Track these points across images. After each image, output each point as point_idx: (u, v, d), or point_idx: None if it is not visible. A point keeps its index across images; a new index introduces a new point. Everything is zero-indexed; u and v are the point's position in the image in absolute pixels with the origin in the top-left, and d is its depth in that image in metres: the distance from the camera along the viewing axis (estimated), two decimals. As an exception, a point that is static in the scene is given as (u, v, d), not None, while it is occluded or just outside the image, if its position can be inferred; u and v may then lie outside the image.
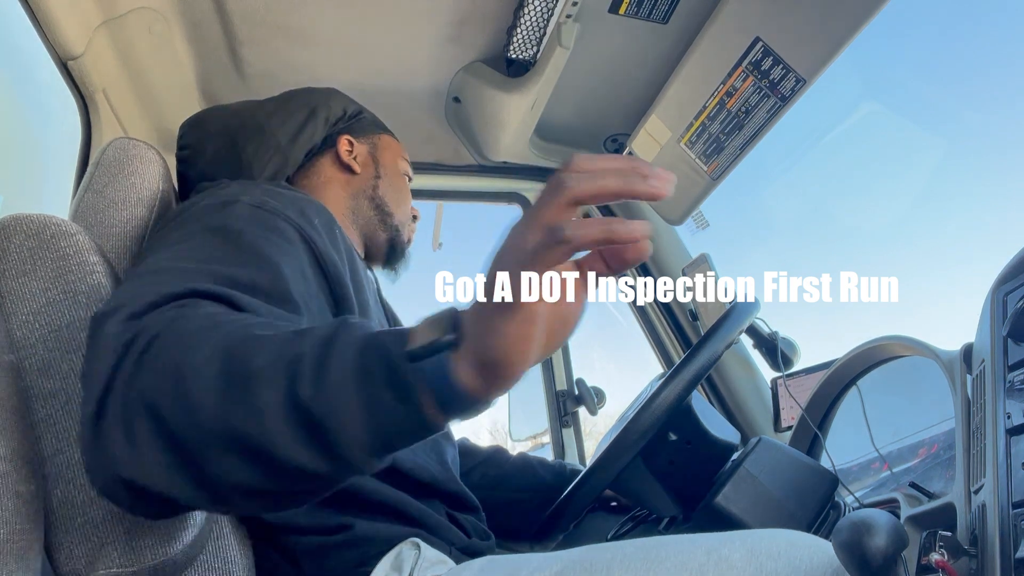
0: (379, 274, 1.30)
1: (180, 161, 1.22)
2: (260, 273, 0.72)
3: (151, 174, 1.06)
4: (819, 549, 0.77)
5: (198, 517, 0.76)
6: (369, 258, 1.29)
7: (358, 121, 1.28)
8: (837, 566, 0.76)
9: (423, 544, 0.94)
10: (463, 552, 1.01)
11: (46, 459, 0.76)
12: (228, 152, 1.17)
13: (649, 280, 1.98)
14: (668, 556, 0.78)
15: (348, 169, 1.23)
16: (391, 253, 1.27)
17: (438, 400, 0.52)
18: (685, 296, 1.91)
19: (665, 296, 1.96)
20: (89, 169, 1.06)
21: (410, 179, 1.34)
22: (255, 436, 0.51)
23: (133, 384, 0.55)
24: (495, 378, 0.50)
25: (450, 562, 0.96)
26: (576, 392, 2.02)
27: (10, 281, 0.81)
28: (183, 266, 0.69)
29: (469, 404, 0.52)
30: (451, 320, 0.51)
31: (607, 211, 2.00)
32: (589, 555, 0.82)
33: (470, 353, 0.50)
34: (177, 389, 0.53)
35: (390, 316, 1.21)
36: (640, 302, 2.01)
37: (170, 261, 0.71)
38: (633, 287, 2.02)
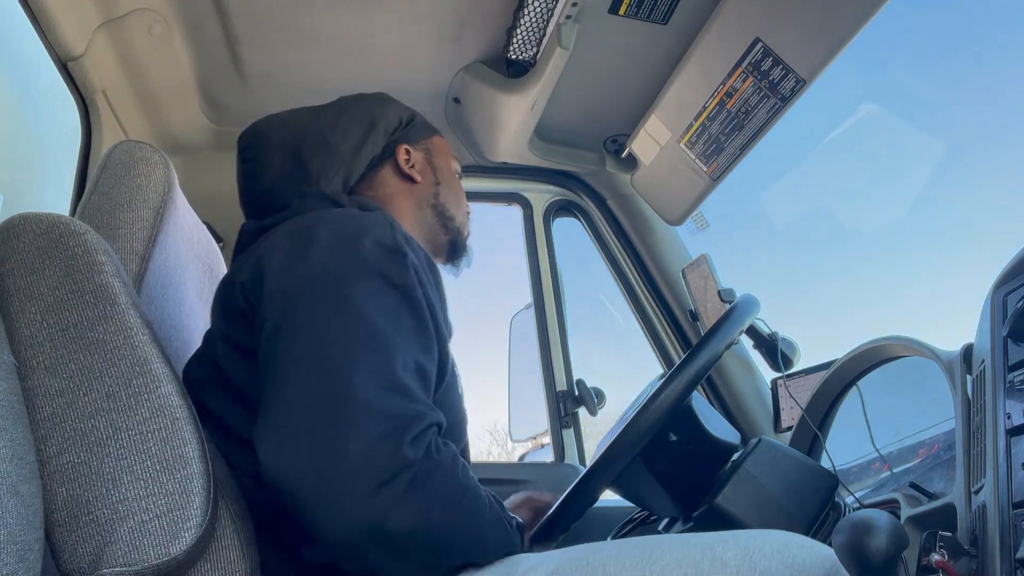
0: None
1: (244, 175, 1.24)
2: (430, 357, 0.95)
3: (156, 177, 1.07)
4: (812, 549, 0.77)
5: (200, 518, 0.76)
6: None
7: (411, 128, 1.29)
8: (829, 566, 0.77)
9: None
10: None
11: (51, 457, 0.76)
12: (294, 165, 1.18)
13: (649, 280, 1.98)
14: (663, 555, 0.78)
15: (409, 178, 1.25)
16: (453, 252, 1.29)
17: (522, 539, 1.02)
18: (685, 296, 1.91)
19: (664, 296, 1.96)
20: (95, 171, 1.06)
21: (460, 176, 1.35)
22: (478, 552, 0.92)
23: (429, 491, 0.85)
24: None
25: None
26: (576, 392, 2.02)
27: (18, 279, 0.82)
28: (400, 364, 0.89)
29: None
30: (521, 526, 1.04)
31: (610, 215, 2.00)
32: (585, 554, 0.83)
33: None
34: (455, 519, 0.88)
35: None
36: (640, 302, 2.01)
37: (388, 340, 0.90)
38: (633, 287, 2.02)
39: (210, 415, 0.98)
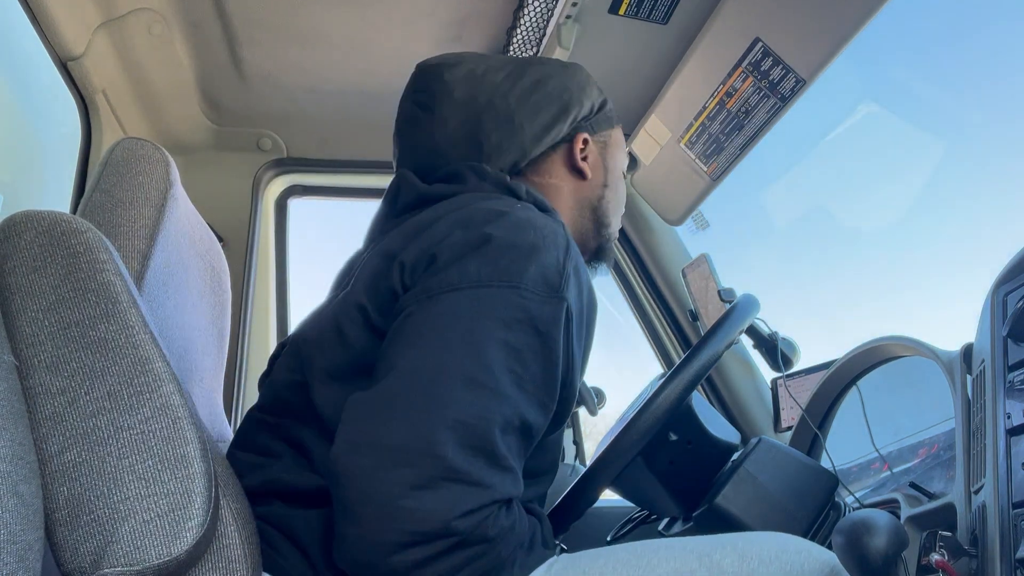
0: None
1: (413, 120, 1.15)
2: (543, 412, 0.89)
3: (158, 174, 1.07)
4: (809, 554, 0.78)
5: (202, 517, 0.76)
6: None
7: (599, 116, 1.19)
8: (828, 571, 0.77)
9: None
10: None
11: (52, 456, 0.76)
12: (471, 134, 1.10)
13: (649, 280, 1.98)
14: (660, 562, 0.78)
15: (579, 173, 1.16)
16: (597, 257, 1.23)
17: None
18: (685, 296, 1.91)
19: (664, 296, 1.96)
20: (97, 169, 1.06)
21: (627, 176, 1.27)
22: None
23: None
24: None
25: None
26: (576, 392, 2.01)
27: (20, 278, 0.81)
28: (500, 422, 0.83)
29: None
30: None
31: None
32: (582, 560, 0.83)
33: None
34: None
35: None
36: (640, 302, 2.01)
37: (498, 392, 0.84)
38: (633, 287, 2.02)
39: (306, 394, 0.94)
